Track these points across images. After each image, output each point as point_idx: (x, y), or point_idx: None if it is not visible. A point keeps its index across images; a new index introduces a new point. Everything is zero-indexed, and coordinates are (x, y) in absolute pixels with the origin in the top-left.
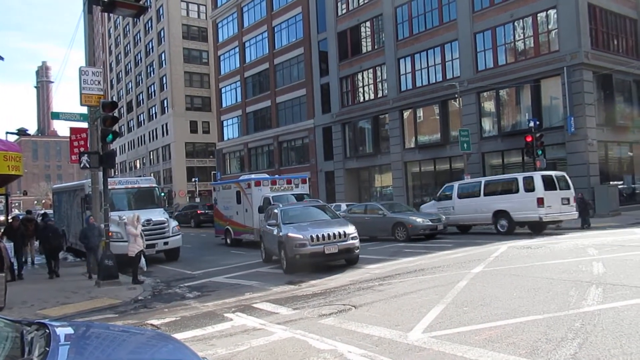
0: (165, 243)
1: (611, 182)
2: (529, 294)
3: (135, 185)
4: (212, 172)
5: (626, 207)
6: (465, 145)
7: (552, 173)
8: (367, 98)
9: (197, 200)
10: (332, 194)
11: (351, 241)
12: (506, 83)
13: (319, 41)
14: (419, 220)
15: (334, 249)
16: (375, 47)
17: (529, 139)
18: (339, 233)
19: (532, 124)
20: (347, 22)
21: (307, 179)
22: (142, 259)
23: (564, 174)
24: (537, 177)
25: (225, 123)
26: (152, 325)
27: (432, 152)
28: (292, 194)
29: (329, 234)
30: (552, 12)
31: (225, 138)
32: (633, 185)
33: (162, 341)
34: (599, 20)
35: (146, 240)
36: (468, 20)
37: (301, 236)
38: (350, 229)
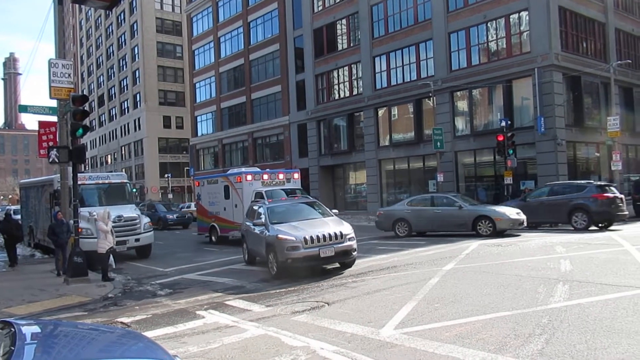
0: (137, 240)
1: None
2: (499, 291)
3: (106, 181)
4: (186, 168)
5: None
6: (438, 143)
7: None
8: (342, 95)
9: (170, 197)
10: (306, 191)
11: (348, 242)
12: (479, 83)
13: (294, 38)
14: (508, 213)
15: (330, 251)
16: (351, 44)
17: (500, 138)
18: (336, 234)
19: (503, 123)
20: (323, 19)
21: (299, 172)
22: (111, 257)
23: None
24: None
25: (199, 118)
26: (122, 323)
27: (406, 150)
28: (285, 189)
29: (324, 235)
30: (524, 14)
31: (199, 134)
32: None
33: (132, 339)
34: (569, 23)
35: (117, 236)
36: (442, 20)
37: (293, 238)
38: (347, 229)
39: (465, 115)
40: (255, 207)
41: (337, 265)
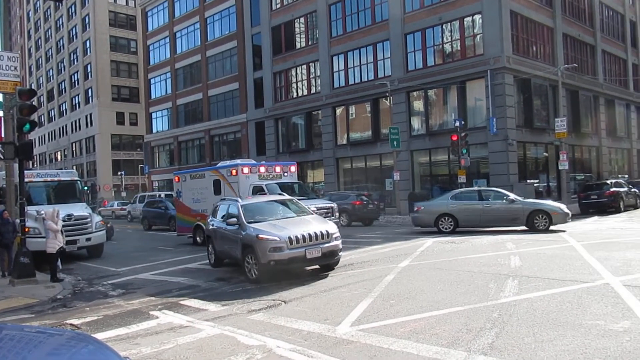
0: (88, 239)
1: (528, 181)
2: (452, 287)
3: (55, 179)
4: (140, 166)
5: None
6: (395, 142)
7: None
8: (300, 94)
9: (123, 195)
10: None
11: (335, 242)
12: (434, 84)
13: (252, 35)
14: (562, 207)
15: (317, 252)
16: (309, 43)
17: (454, 138)
18: (322, 233)
19: (457, 123)
20: (282, 17)
21: (296, 165)
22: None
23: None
24: None
25: (154, 115)
26: (71, 325)
27: (363, 149)
28: (282, 183)
29: (310, 234)
30: (477, 17)
31: (154, 131)
32: (548, 184)
33: (81, 342)
34: (520, 27)
35: (67, 236)
36: (399, 21)
37: (277, 238)
38: (333, 228)
39: (421, 115)
40: (224, 205)
41: (317, 266)
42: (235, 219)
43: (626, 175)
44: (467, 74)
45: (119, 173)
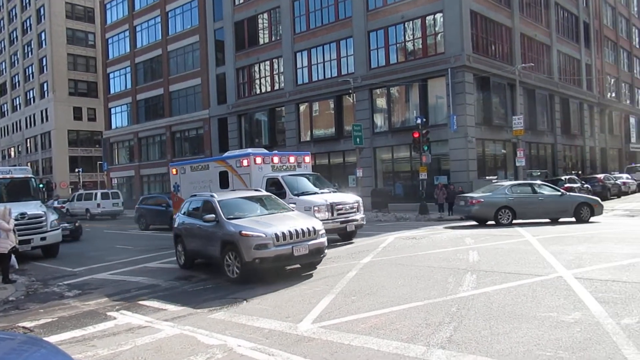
0: (43, 238)
1: (487, 177)
2: (412, 282)
3: (8, 176)
4: (99, 163)
5: None
6: (358, 139)
7: None
8: (263, 90)
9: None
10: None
11: (321, 239)
12: (397, 81)
13: (215, 30)
14: (598, 201)
15: (304, 249)
16: (273, 39)
17: (416, 135)
18: (309, 229)
19: (419, 121)
20: (245, 12)
21: (310, 155)
22: (13, 257)
23: None
24: None
25: (113, 110)
26: (24, 328)
27: (326, 146)
28: (300, 175)
29: (297, 231)
30: (439, 16)
31: (114, 126)
32: (506, 180)
33: (34, 346)
34: (479, 27)
35: (21, 235)
36: (362, 19)
37: (262, 234)
38: (319, 224)
39: (384, 112)
40: (197, 201)
41: (297, 266)
42: (212, 216)
43: (579, 172)
44: (429, 72)
45: (77, 170)
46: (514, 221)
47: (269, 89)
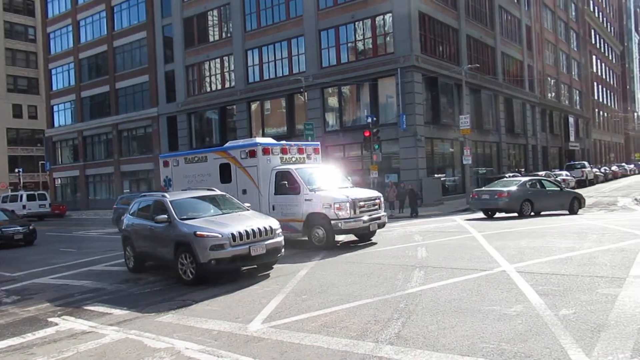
0: None
1: (436, 175)
2: (362, 279)
3: None
4: (41, 162)
5: (448, 197)
6: (309, 138)
7: None
8: (214, 88)
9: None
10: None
11: (278, 239)
12: (348, 80)
13: (163, 26)
14: (582, 195)
15: (261, 249)
16: (223, 36)
17: (366, 134)
18: (265, 228)
19: (370, 120)
20: (194, 9)
21: (319, 148)
22: None
23: None
24: None
25: (55, 108)
26: None
27: None
28: (314, 167)
29: (253, 230)
30: (388, 16)
31: (56, 125)
32: (453, 178)
33: None
34: (427, 28)
35: None
36: (313, 18)
37: (218, 234)
38: (275, 223)
39: (335, 111)
40: (147, 202)
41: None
42: (164, 216)
43: (522, 169)
44: (379, 72)
45: (17, 170)
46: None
47: (219, 87)
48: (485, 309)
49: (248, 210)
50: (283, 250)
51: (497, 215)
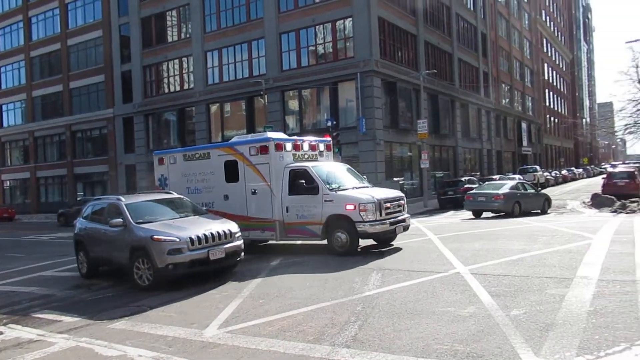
0: None
1: (394, 178)
2: (320, 283)
3: None
4: None
5: (406, 200)
6: None
7: None
8: (172, 89)
9: None
10: (133, 189)
11: (238, 242)
12: (308, 84)
13: (120, 25)
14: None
15: (220, 253)
16: (182, 37)
17: (327, 137)
18: (225, 232)
19: (330, 123)
20: (152, 8)
21: (332, 144)
22: None
23: None
24: None
25: (4, 107)
26: None
27: None
28: (331, 165)
29: (212, 234)
30: (348, 21)
31: (5, 125)
32: (412, 181)
33: None
34: (387, 33)
35: None
36: (274, 20)
37: (175, 238)
38: (234, 226)
39: (296, 114)
40: (101, 205)
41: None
42: (120, 220)
43: (478, 173)
44: (339, 76)
45: None
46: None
47: (178, 88)
48: (439, 310)
49: (206, 213)
50: (243, 254)
51: (452, 220)
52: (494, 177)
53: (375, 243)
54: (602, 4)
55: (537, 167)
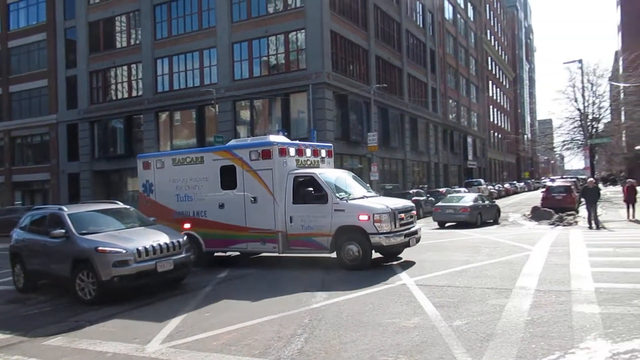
0: None
1: None
2: (268, 295)
3: None
4: None
5: None
6: None
7: None
8: (120, 96)
9: None
10: (76, 198)
11: (186, 254)
12: (260, 94)
13: (66, 28)
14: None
15: (168, 264)
16: (132, 43)
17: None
18: (173, 243)
19: (281, 134)
20: (101, 13)
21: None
22: None
23: None
24: None
25: None
26: None
27: None
28: (337, 172)
29: (160, 245)
30: (301, 33)
31: None
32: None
33: None
34: (339, 47)
35: None
36: (226, 30)
37: (122, 250)
38: (183, 238)
39: (247, 124)
40: (40, 215)
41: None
42: (61, 231)
43: (425, 185)
44: (291, 87)
45: None
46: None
47: (126, 95)
48: (385, 322)
49: (153, 224)
50: (190, 265)
51: None
52: (460, 189)
53: (380, 255)
54: (543, 27)
55: (482, 181)
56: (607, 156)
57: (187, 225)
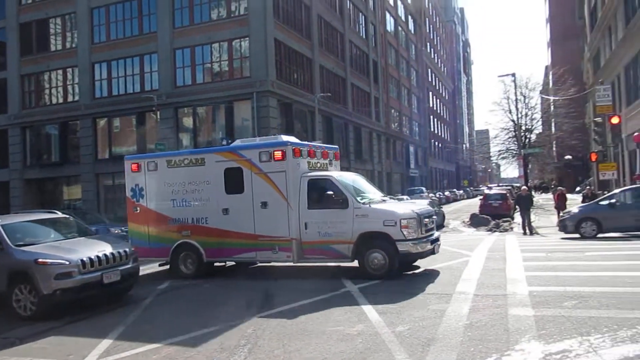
0: None
1: None
2: (210, 306)
3: None
4: None
5: None
6: None
7: None
8: (55, 101)
9: None
10: (5, 207)
11: (134, 264)
12: (203, 101)
13: None
14: None
15: (115, 275)
16: (67, 46)
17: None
18: (120, 253)
19: (225, 142)
20: (33, 14)
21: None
22: None
23: None
24: None
25: None
26: None
27: None
28: (351, 175)
29: (106, 256)
30: (245, 41)
31: None
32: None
33: None
34: (283, 55)
35: None
36: (168, 35)
37: (65, 261)
38: (130, 248)
39: (190, 131)
40: None
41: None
42: None
43: None
44: (235, 94)
45: None
46: None
47: (61, 100)
48: (329, 329)
49: (97, 234)
50: (138, 275)
51: None
52: (403, 197)
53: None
54: (480, 41)
55: (424, 189)
56: (539, 165)
57: (185, 233)
